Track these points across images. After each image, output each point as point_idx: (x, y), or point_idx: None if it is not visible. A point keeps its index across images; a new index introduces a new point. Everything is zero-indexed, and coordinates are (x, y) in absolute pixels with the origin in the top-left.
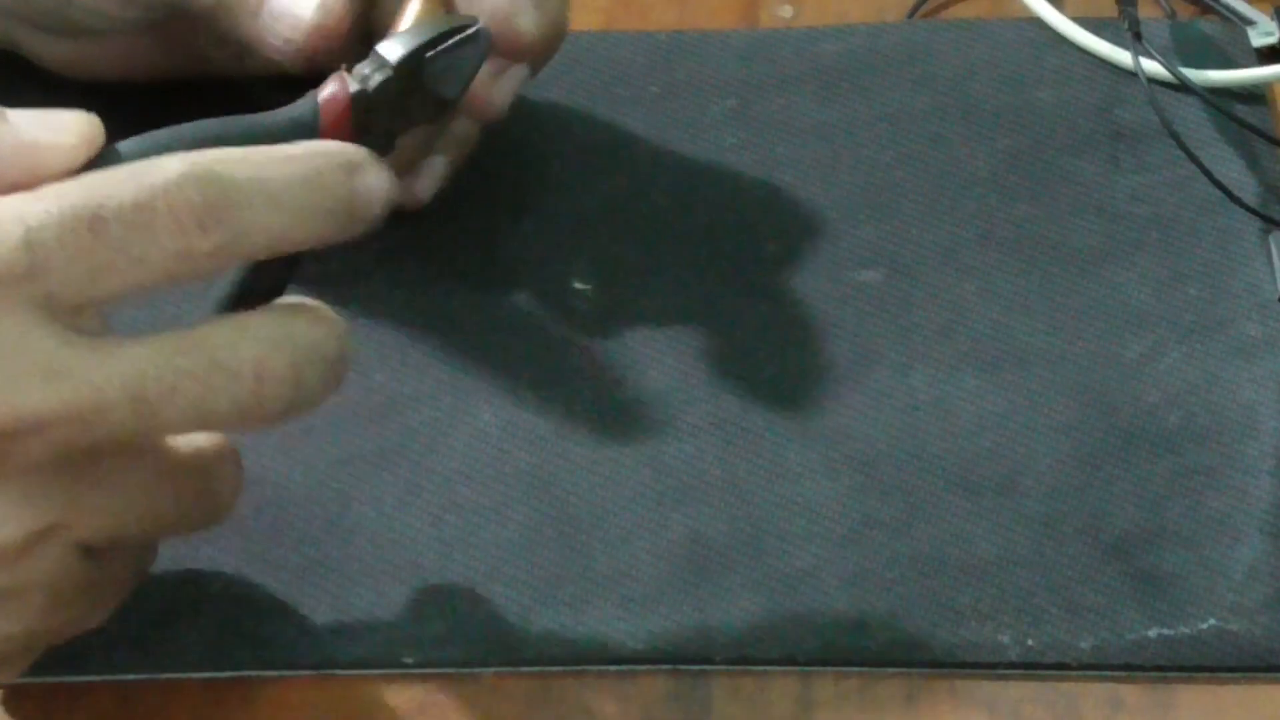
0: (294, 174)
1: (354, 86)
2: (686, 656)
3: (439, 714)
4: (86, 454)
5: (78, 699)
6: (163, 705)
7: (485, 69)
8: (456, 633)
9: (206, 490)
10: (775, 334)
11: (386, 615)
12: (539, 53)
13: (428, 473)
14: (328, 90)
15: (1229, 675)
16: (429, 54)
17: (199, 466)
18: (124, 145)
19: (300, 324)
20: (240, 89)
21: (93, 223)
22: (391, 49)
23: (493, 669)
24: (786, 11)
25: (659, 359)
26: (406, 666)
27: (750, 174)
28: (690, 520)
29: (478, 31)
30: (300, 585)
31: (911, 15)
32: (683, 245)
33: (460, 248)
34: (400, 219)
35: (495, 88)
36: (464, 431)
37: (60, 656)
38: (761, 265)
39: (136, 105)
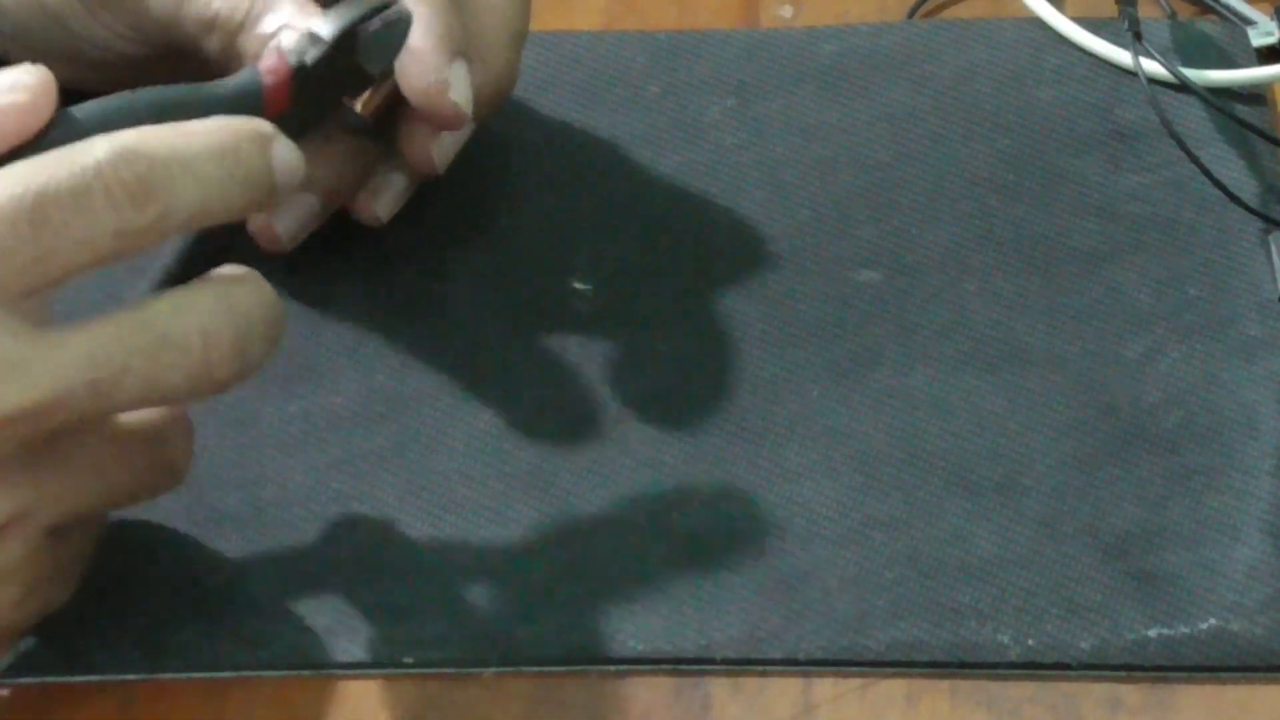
0: (211, 147)
1: (293, 60)
2: (686, 656)
3: (439, 714)
4: (44, 440)
5: (78, 699)
6: (163, 705)
7: (423, 127)
8: (456, 633)
9: (160, 458)
10: (775, 334)
11: (386, 615)
12: (479, 116)
13: (428, 473)
14: (268, 62)
15: (1229, 675)
16: (358, 30)
17: (150, 435)
18: (79, 109)
19: (239, 292)
20: None
21: (33, 212)
22: (326, 25)
23: (493, 669)
24: (786, 11)
25: (659, 359)
26: (406, 666)
27: (750, 174)
28: (690, 520)
29: (401, 12)
30: (300, 585)
31: (911, 15)
32: (683, 245)
33: (460, 248)
34: (399, 220)
35: (436, 148)
36: (464, 431)
37: (60, 656)
38: (761, 265)
39: None
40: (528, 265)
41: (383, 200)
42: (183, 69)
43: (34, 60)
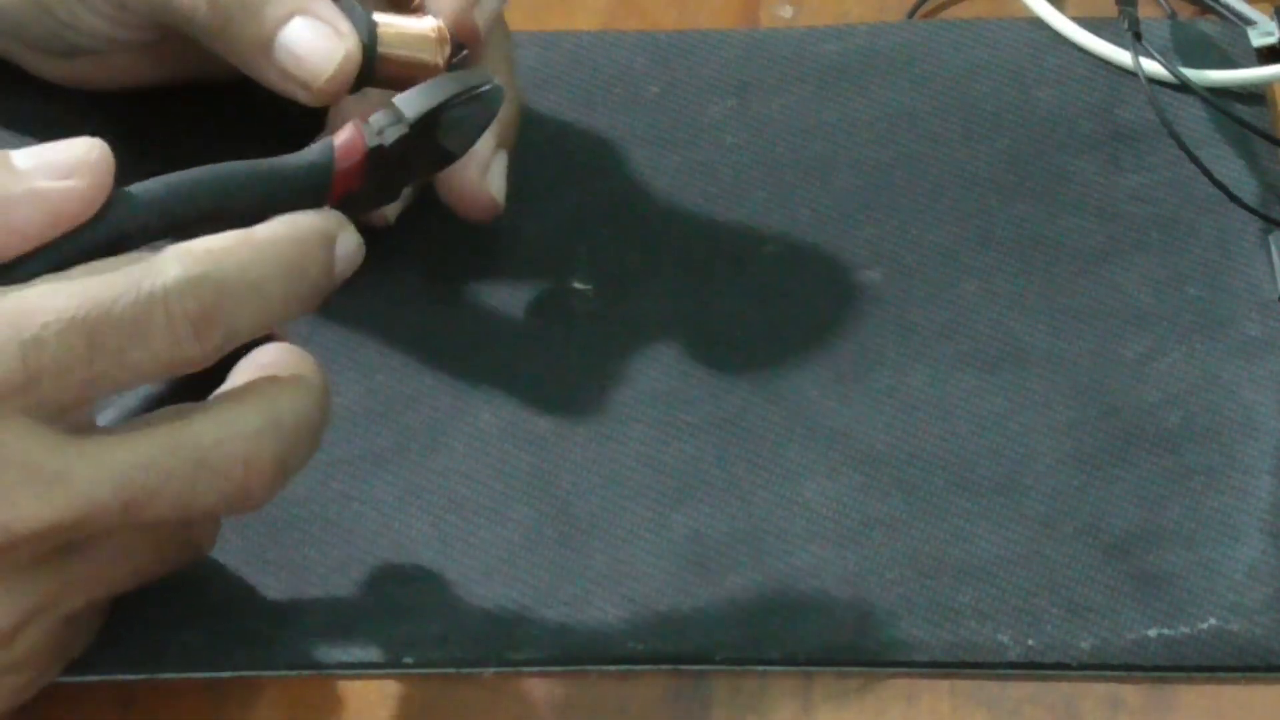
0: (280, 263)
1: (371, 141)
2: (686, 656)
3: (439, 714)
4: (73, 545)
5: (78, 699)
6: (163, 705)
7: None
8: (456, 633)
9: (187, 536)
10: (775, 334)
11: (386, 615)
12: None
13: (428, 473)
14: (343, 137)
15: (1229, 675)
16: (443, 111)
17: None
18: (139, 188)
19: (285, 403)
20: (237, 92)
21: (90, 336)
22: (410, 104)
23: (493, 669)
24: (786, 11)
25: (659, 359)
26: (406, 666)
27: (750, 174)
28: (690, 520)
29: (490, 89)
30: (300, 585)
31: (911, 15)
32: (683, 245)
33: (460, 248)
34: (399, 221)
35: (492, 184)
36: (464, 431)
37: None
38: (761, 265)
39: (135, 108)
40: (528, 265)
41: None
42: (183, 55)
43: (28, 52)
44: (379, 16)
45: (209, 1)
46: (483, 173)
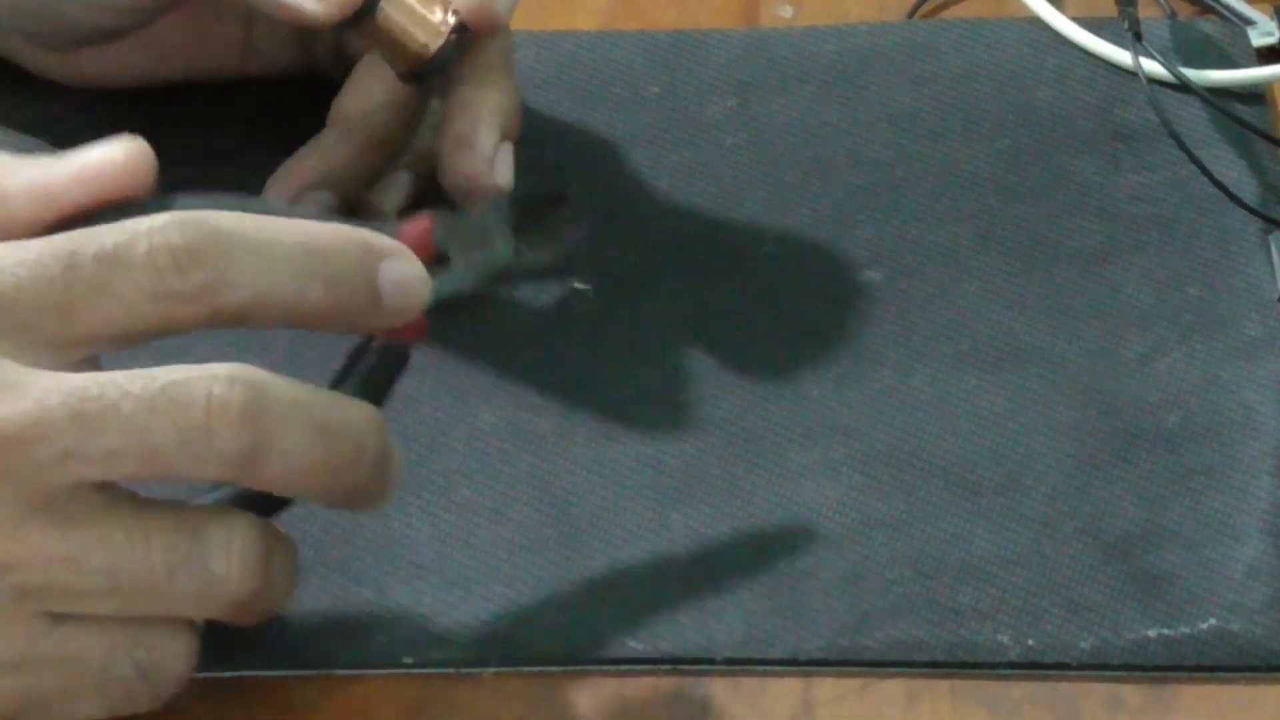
0: (296, 237)
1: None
2: (686, 656)
3: (439, 714)
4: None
5: None
6: (163, 705)
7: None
8: (456, 633)
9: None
10: (775, 334)
11: (386, 615)
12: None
13: (427, 473)
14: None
15: (1229, 675)
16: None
17: None
18: (182, 198)
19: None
20: (238, 91)
21: (68, 258)
22: (449, 282)
23: (493, 669)
24: (786, 11)
25: (659, 359)
26: (406, 666)
27: (750, 174)
28: (690, 520)
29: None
30: (300, 585)
31: (911, 15)
32: (683, 245)
33: None
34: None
35: (497, 173)
36: (464, 431)
37: None
38: (761, 265)
39: (135, 108)
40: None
41: (391, 197)
42: (181, 45)
43: (26, 45)
44: None
45: None
46: (489, 165)
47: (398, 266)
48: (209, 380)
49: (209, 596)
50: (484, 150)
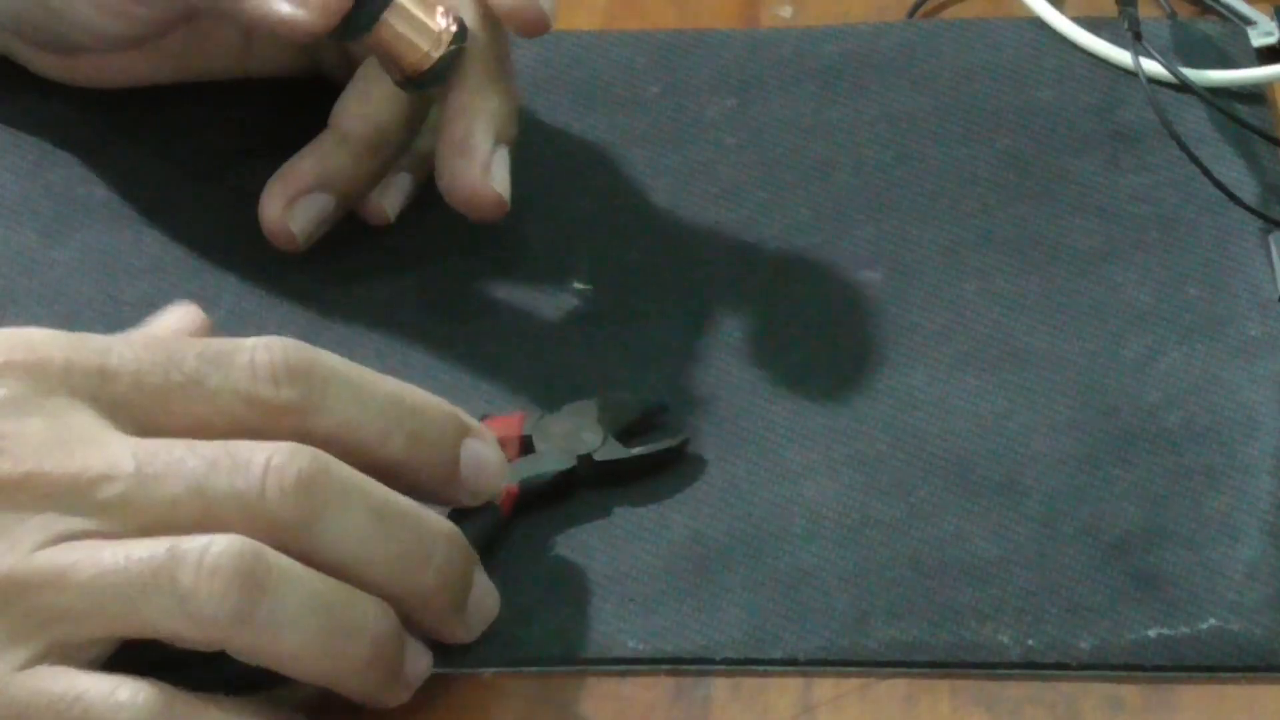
0: (390, 387)
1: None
2: (686, 656)
3: (439, 714)
4: None
5: None
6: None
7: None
8: None
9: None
10: (775, 334)
11: None
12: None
13: None
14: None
15: (1229, 675)
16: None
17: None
18: None
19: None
20: (235, 92)
21: (173, 352)
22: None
23: (493, 669)
24: (786, 11)
25: (659, 359)
26: None
27: (750, 174)
28: (690, 520)
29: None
30: None
31: (911, 15)
32: (683, 245)
33: (460, 248)
34: (399, 220)
35: (495, 179)
36: None
37: None
38: (761, 265)
39: (134, 108)
40: (528, 265)
41: (391, 198)
42: (179, 52)
43: (26, 48)
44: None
45: None
46: (485, 171)
47: (480, 446)
48: (271, 449)
49: None
50: (480, 156)
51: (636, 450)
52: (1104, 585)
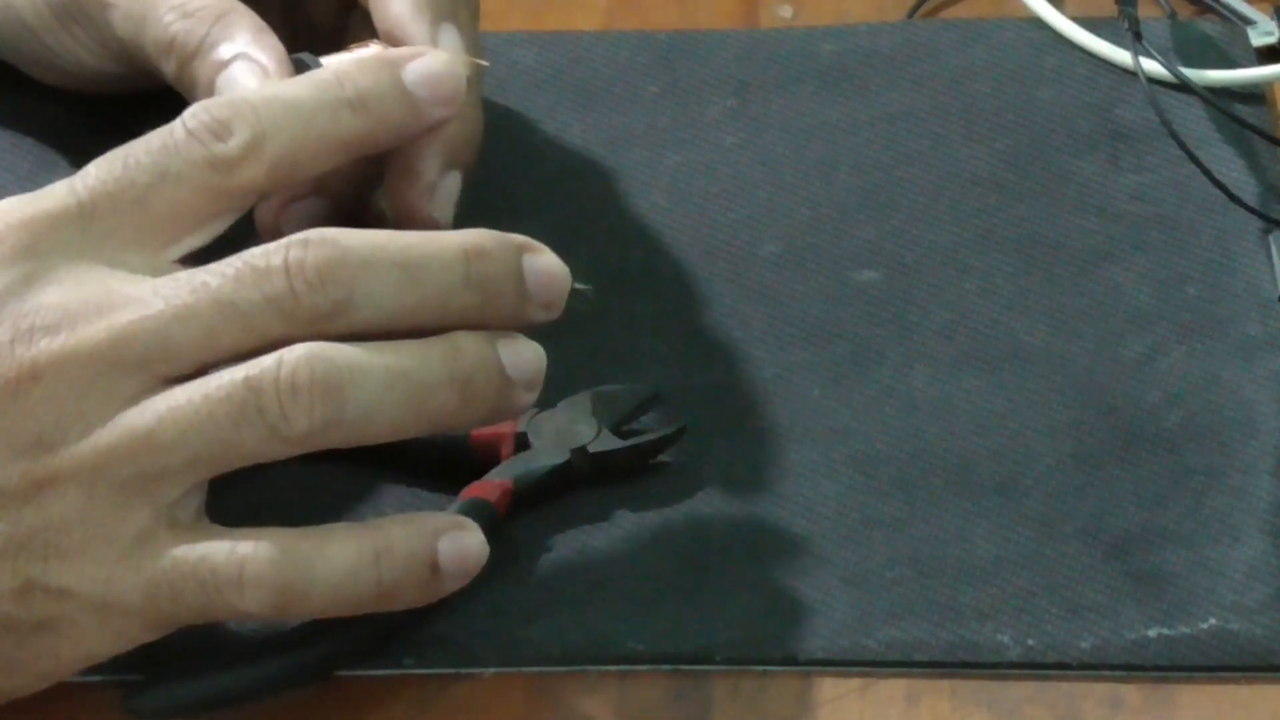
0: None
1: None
2: (686, 656)
3: (439, 714)
4: None
5: (80, 698)
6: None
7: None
8: (456, 633)
9: None
10: (775, 334)
11: (387, 615)
12: (468, 167)
13: (428, 473)
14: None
15: (1229, 675)
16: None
17: None
18: None
19: None
20: None
21: (125, 158)
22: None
23: (493, 669)
24: (786, 11)
25: (659, 359)
26: (406, 666)
27: (750, 174)
28: (690, 520)
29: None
30: None
31: (911, 15)
32: (683, 245)
33: None
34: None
35: (436, 205)
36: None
37: None
38: (761, 265)
39: (134, 108)
40: None
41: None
42: (151, 91)
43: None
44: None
45: (175, 47)
46: (426, 195)
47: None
48: (283, 247)
49: None
50: (425, 179)
51: (631, 440)
52: (1104, 585)
